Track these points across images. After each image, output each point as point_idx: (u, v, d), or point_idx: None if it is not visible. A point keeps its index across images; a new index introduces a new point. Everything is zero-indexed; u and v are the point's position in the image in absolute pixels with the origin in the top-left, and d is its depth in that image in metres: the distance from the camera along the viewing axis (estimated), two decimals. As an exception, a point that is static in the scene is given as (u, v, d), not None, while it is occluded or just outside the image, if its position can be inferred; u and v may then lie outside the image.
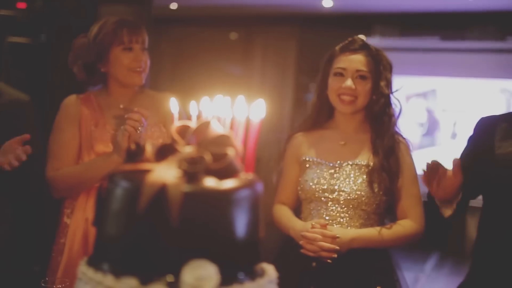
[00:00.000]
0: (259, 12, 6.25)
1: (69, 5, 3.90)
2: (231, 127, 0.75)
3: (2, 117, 1.78)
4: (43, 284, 1.29)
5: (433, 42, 5.69)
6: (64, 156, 1.71)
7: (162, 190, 0.61)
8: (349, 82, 1.71)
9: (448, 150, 5.29)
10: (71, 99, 1.79)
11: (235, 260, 0.64)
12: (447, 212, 1.62)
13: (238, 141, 0.71)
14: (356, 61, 1.74)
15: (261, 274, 0.68)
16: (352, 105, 1.72)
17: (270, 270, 0.71)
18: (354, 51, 1.75)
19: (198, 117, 0.77)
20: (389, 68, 1.78)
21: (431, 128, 5.69)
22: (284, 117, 6.19)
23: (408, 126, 5.94)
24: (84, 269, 0.64)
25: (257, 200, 0.68)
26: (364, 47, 1.76)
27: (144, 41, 1.78)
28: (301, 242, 1.66)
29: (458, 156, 1.80)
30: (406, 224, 1.72)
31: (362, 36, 1.86)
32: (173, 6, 6.19)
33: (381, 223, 1.75)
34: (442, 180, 1.55)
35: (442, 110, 5.62)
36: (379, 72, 1.74)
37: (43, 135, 1.82)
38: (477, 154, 1.64)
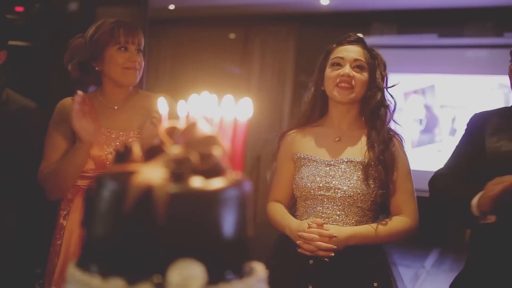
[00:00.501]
0: (256, 11, 6.25)
1: (66, 8, 3.91)
2: (220, 126, 0.75)
3: (10, 123, 1.81)
4: (37, 287, 1.30)
5: (431, 39, 5.69)
6: (55, 159, 1.72)
7: (148, 191, 0.61)
8: (347, 69, 1.72)
9: (447, 147, 5.29)
10: (65, 102, 1.80)
11: (223, 260, 0.65)
12: (483, 220, 1.57)
13: (226, 141, 0.71)
14: (354, 51, 1.76)
15: (250, 273, 0.68)
16: (350, 92, 1.73)
17: (259, 269, 0.71)
18: (351, 43, 1.77)
19: (187, 117, 0.78)
20: (383, 65, 1.79)
21: (429, 124, 5.68)
22: (283, 115, 6.19)
23: (406, 123, 5.94)
24: (72, 271, 0.64)
25: (245, 199, 0.68)
26: (361, 41, 1.79)
27: (140, 43, 1.79)
28: (298, 242, 1.67)
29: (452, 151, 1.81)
30: (401, 220, 1.73)
31: (359, 35, 1.87)
32: (171, 7, 6.20)
33: (375, 219, 1.75)
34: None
35: (440, 106, 5.62)
36: (375, 66, 1.76)
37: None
38: (470, 149, 1.66)
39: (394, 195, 1.74)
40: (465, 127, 1.82)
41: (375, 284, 1.64)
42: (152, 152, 0.71)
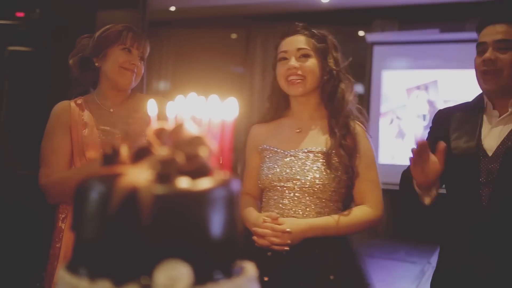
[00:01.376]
0: (257, 11, 6.25)
1: (67, 12, 3.92)
2: (207, 127, 0.75)
3: None
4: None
5: (433, 34, 5.67)
6: (56, 163, 1.73)
7: (133, 193, 0.61)
8: (292, 62, 1.72)
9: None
10: (62, 105, 1.82)
11: (211, 259, 0.65)
12: (427, 200, 1.62)
13: (213, 141, 0.71)
14: (296, 41, 1.74)
15: (239, 272, 0.68)
16: (302, 85, 1.72)
17: (249, 268, 0.71)
18: (294, 33, 1.75)
19: (175, 118, 0.78)
20: (334, 47, 1.76)
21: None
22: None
23: (410, 119, 5.92)
24: (62, 274, 0.65)
25: (233, 198, 0.68)
26: (305, 29, 1.76)
27: (144, 52, 1.83)
28: (253, 237, 1.67)
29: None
30: (362, 211, 1.70)
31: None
32: (172, 8, 6.21)
33: (339, 210, 1.72)
34: (425, 164, 1.55)
35: (444, 101, 5.59)
36: (325, 50, 1.74)
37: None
38: (434, 146, 1.66)
39: (357, 184, 1.71)
40: (430, 124, 1.85)
41: (331, 277, 1.62)
42: (140, 154, 0.71)
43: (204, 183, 0.65)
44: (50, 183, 1.71)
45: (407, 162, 1.63)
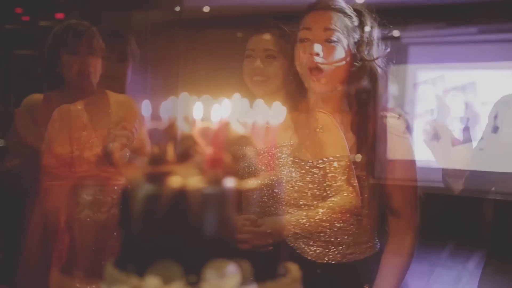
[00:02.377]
0: (262, 10, 6.24)
1: (71, 14, 3.94)
2: (200, 126, 0.75)
3: None
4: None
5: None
6: (57, 166, 1.73)
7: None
8: (257, 62, 1.70)
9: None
10: (62, 109, 1.83)
11: (204, 259, 0.65)
12: None
13: (205, 140, 0.71)
14: (264, 40, 1.72)
15: (234, 271, 0.68)
16: (264, 86, 1.69)
17: (245, 267, 0.71)
18: (263, 31, 1.73)
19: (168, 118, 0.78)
20: None
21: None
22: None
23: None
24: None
25: (225, 196, 0.68)
26: (274, 27, 1.73)
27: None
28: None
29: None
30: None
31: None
32: (177, 8, 6.22)
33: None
34: None
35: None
36: (292, 51, 1.69)
37: None
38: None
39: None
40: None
41: (318, 271, 1.61)
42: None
43: (196, 182, 0.65)
44: (52, 187, 1.72)
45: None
